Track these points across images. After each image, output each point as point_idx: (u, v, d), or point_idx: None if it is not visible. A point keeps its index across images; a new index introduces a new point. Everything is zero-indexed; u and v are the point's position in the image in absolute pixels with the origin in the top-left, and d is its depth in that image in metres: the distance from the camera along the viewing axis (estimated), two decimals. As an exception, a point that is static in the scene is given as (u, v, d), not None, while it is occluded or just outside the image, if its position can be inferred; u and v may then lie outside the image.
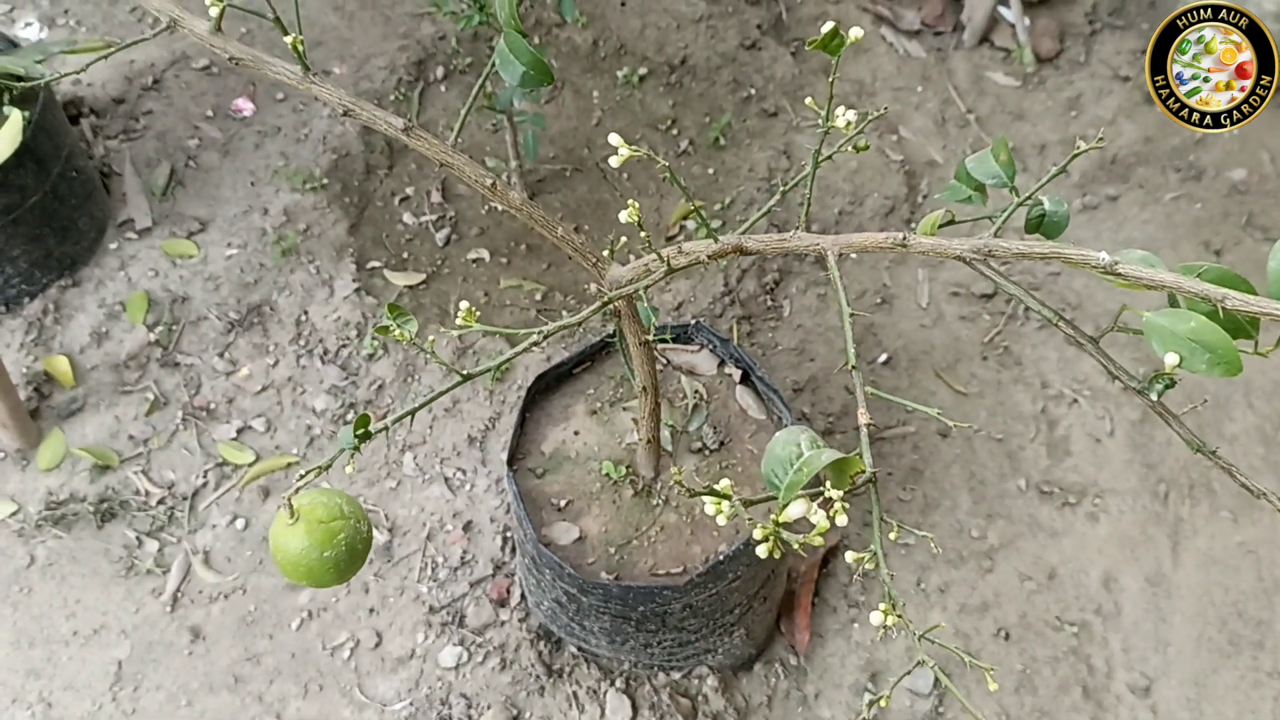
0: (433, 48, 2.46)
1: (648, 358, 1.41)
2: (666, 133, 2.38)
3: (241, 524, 1.90)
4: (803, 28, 2.58)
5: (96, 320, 2.07)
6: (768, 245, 1.13)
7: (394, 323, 0.96)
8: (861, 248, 1.05)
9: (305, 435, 1.98)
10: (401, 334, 0.95)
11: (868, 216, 2.28)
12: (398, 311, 0.97)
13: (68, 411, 1.99)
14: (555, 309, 2.12)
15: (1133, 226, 2.29)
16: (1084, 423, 2.04)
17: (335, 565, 0.95)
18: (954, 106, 2.46)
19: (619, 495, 1.57)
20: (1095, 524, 1.94)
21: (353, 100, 1.21)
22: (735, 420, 1.64)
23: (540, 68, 1.19)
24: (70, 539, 1.87)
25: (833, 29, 0.98)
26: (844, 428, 2.03)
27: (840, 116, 1.03)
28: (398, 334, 0.95)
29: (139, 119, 2.34)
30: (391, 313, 0.97)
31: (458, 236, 2.22)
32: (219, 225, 2.19)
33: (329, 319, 2.07)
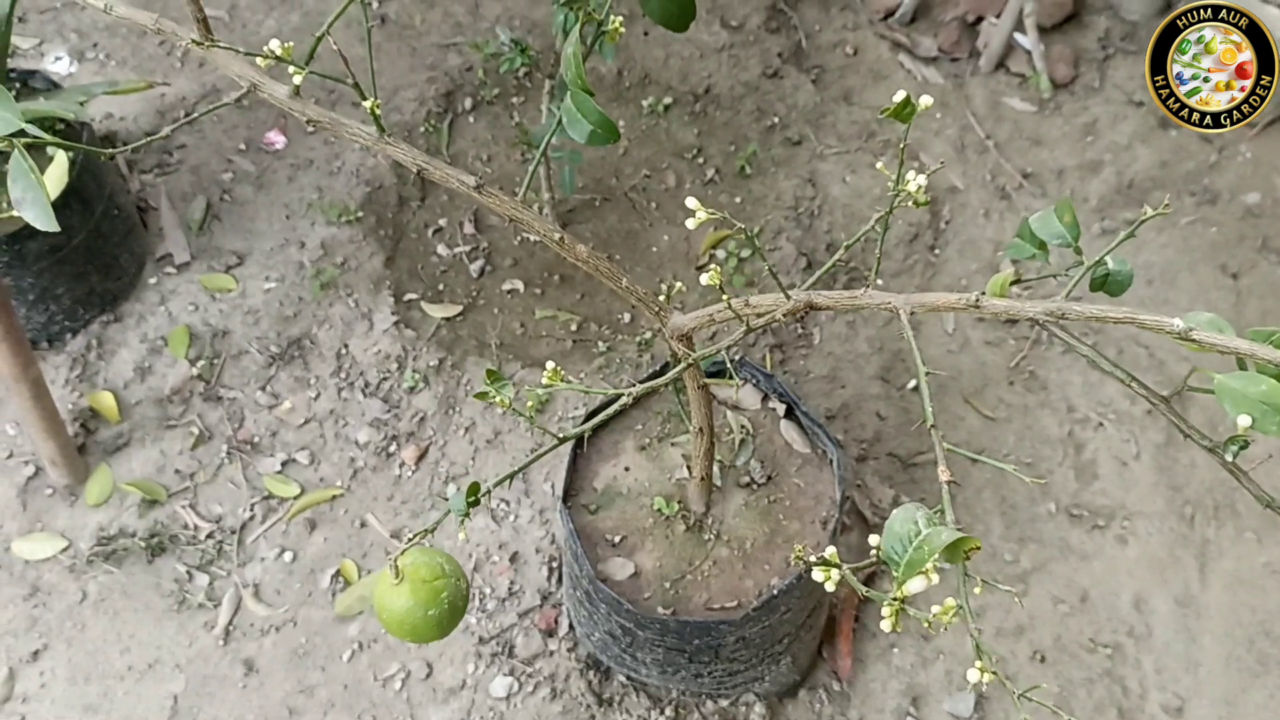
0: (460, 79, 2.49)
1: (705, 400, 1.45)
2: (692, 161, 2.42)
3: (289, 557, 1.93)
4: (822, 55, 2.63)
5: (139, 355, 2.10)
6: (838, 303, 1.17)
7: (492, 389, 1.00)
8: (933, 308, 1.09)
9: (349, 468, 2.02)
10: (501, 400, 0.99)
11: (893, 244, 2.32)
12: (495, 377, 1.01)
13: (114, 447, 2.02)
14: (590, 339, 2.16)
15: (1150, 250, 2.34)
16: (1110, 446, 2.09)
17: (439, 623, 0.99)
18: (973, 133, 2.51)
19: (671, 530, 1.61)
20: (1124, 546, 1.99)
21: (426, 160, 1.25)
22: (781, 455, 1.69)
23: (607, 126, 1.23)
24: (121, 574, 1.91)
25: (905, 98, 1.02)
26: (876, 454, 2.07)
27: (911, 180, 1.07)
28: (498, 400, 0.98)
29: (173, 153, 2.37)
30: (490, 379, 1.00)
31: (491, 268, 2.25)
32: (256, 259, 2.22)
33: (369, 352, 2.10)
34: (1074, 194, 2.42)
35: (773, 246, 2.27)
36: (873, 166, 2.44)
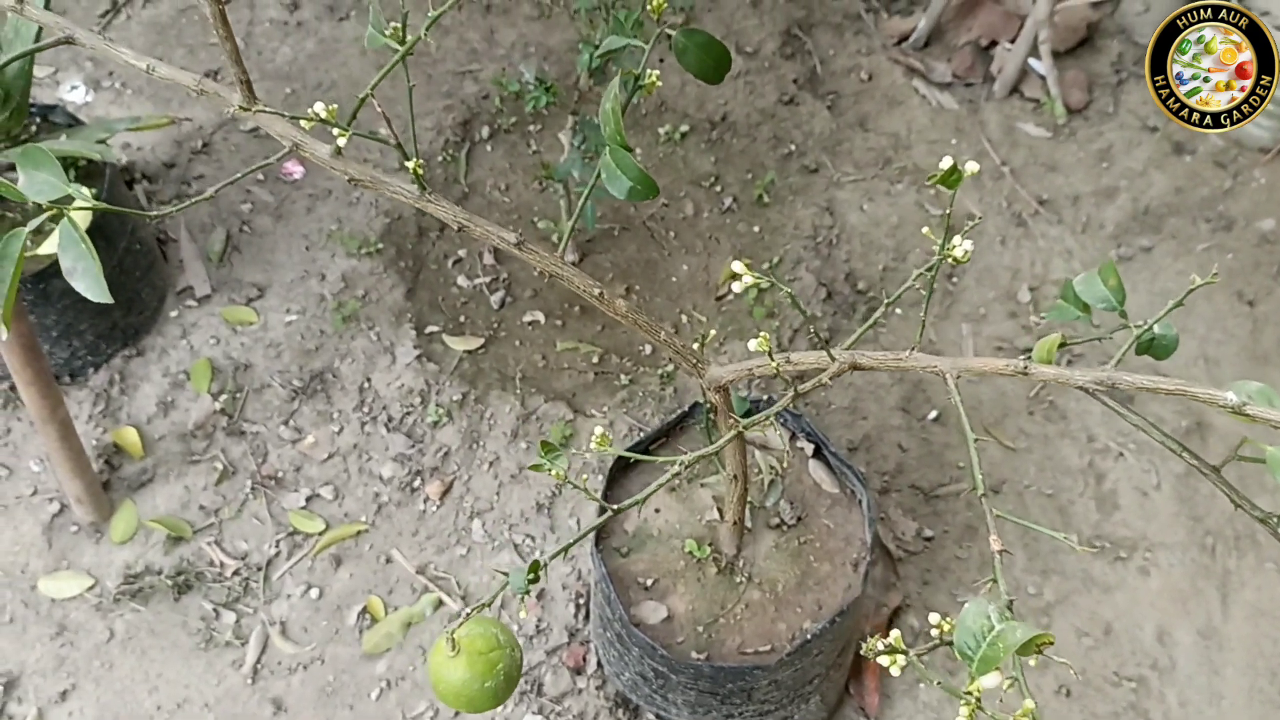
0: (477, 107, 2.50)
1: (739, 448, 1.46)
2: (710, 189, 2.43)
3: (316, 593, 1.93)
4: (837, 80, 2.63)
5: (162, 390, 2.10)
6: (882, 363, 1.18)
7: (547, 460, 1.00)
8: (980, 372, 1.10)
9: (373, 503, 2.02)
10: (557, 473, 0.99)
11: (911, 273, 2.32)
12: (549, 448, 1.01)
13: (138, 483, 2.02)
14: (612, 371, 2.16)
15: (1167, 278, 2.35)
16: (1131, 476, 2.10)
17: (494, 693, 1.00)
18: (988, 159, 2.52)
19: (703, 573, 1.61)
20: (1146, 578, 2.00)
21: (467, 216, 1.25)
22: (810, 495, 1.69)
23: (647, 183, 1.23)
24: (148, 612, 1.91)
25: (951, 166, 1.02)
26: (899, 486, 2.08)
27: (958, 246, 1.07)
28: (554, 474, 0.99)
29: (191, 183, 2.37)
30: (544, 450, 1.01)
31: (512, 299, 2.26)
32: (277, 291, 2.22)
33: (392, 386, 2.11)
34: (1089, 220, 2.43)
35: (792, 276, 2.28)
36: (889, 194, 2.45)
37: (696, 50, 1.36)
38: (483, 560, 1.96)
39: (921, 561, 1.99)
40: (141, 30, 2.60)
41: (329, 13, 2.65)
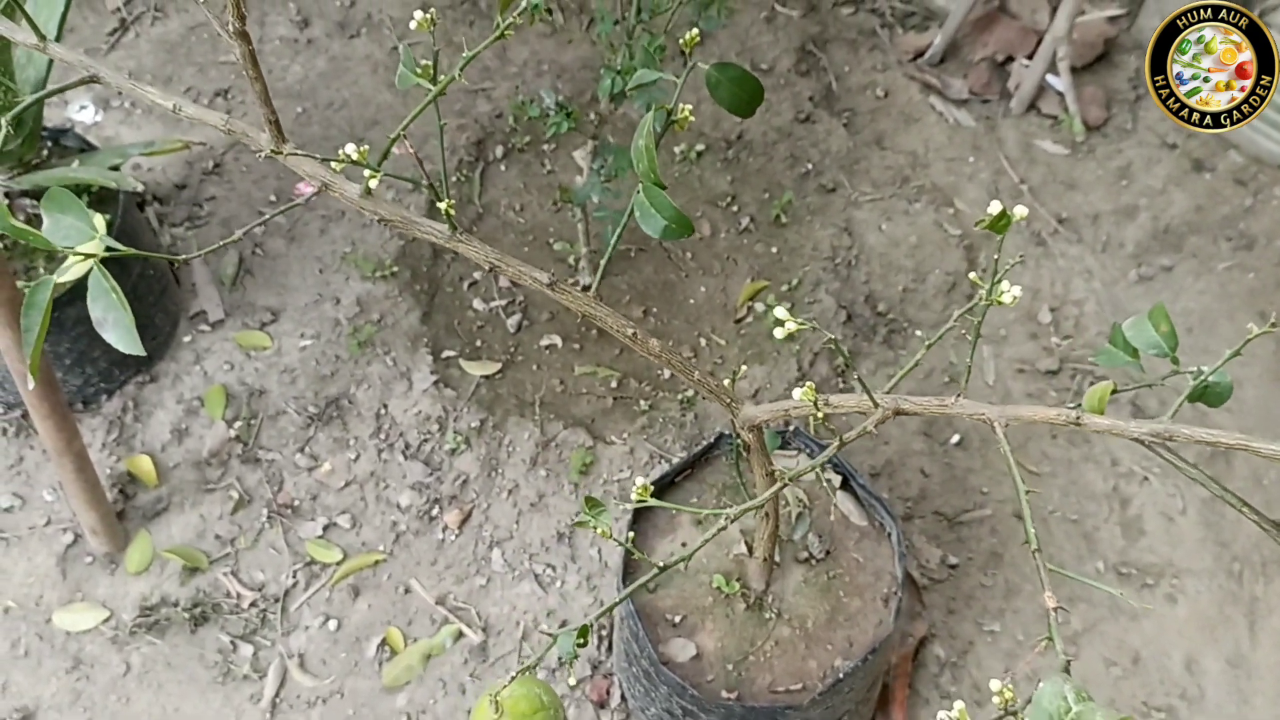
0: (490, 126, 2.47)
1: (771, 485, 1.44)
2: (727, 209, 2.40)
3: (334, 625, 1.91)
4: (853, 97, 2.61)
5: (175, 417, 2.07)
6: (926, 409, 1.15)
7: (591, 517, 0.98)
8: (1030, 421, 1.07)
9: (391, 532, 2.00)
10: (604, 531, 0.97)
11: (931, 294, 2.31)
12: (594, 504, 0.99)
13: (153, 512, 2.00)
14: (631, 396, 2.14)
15: (1189, 297, 2.33)
16: (1156, 501, 2.08)
17: (539, 755, 0.97)
18: (1006, 176, 2.50)
19: (731, 609, 1.59)
20: (1174, 605, 1.98)
21: (498, 257, 1.23)
22: (838, 528, 1.67)
23: (682, 221, 1.21)
24: (165, 645, 1.88)
25: (1001, 211, 1.00)
26: (922, 512, 2.06)
27: (1006, 292, 1.05)
28: (601, 531, 0.97)
29: (202, 205, 2.34)
30: (589, 507, 0.99)
31: (529, 322, 2.23)
32: (290, 315, 2.20)
33: (409, 413, 2.08)
34: (1109, 239, 2.41)
35: (812, 299, 2.26)
36: (908, 213, 2.42)
37: (729, 85, 1.34)
38: (503, 590, 1.94)
39: (946, 589, 1.97)
40: (151, 48, 2.58)
41: (340, 30, 2.62)
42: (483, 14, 2.66)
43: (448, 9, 2.67)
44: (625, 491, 2.00)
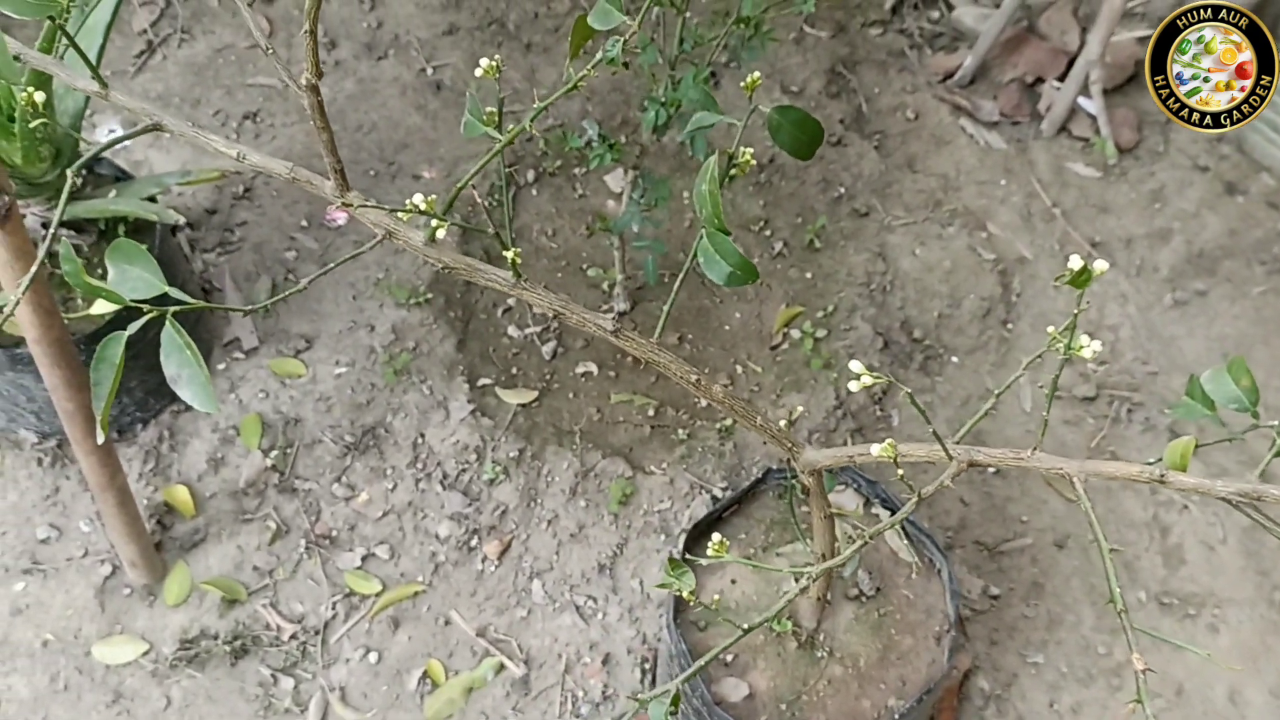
0: (521, 149, 2.46)
1: (829, 528, 1.43)
2: (759, 234, 2.40)
3: (374, 657, 1.90)
4: (883, 120, 2.60)
5: (211, 446, 2.06)
6: (1003, 462, 1.15)
7: (674, 578, 0.97)
8: (1111, 477, 1.07)
9: (430, 562, 1.99)
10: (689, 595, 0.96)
11: (966, 319, 2.30)
12: (677, 566, 0.98)
13: (190, 543, 1.99)
14: (669, 425, 2.13)
15: (1224, 323, 2.33)
16: (1196, 529, 2.07)
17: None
18: (1039, 200, 2.49)
19: (783, 648, 1.58)
20: (1216, 635, 1.97)
21: (563, 304, 1.23)
22: (888, 564, 1.66)
23: (747, 268, 1.20)
24: (205, 678, 1.87)
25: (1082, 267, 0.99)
26: (962, 542, 2.05)
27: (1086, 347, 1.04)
28: (686, 595, 0.96)
29: (234, 230, 2.33)
30: (671, 567, 0.98)
31: (564, 349, 2.22)
32: (325, 342, 2.19)
33: (446, 442, 2.07)
34: (1144, 263, 2.40)
35: (848, 326, 2.25)
36: (941, 237, 2.42)
37: (791, 128, 1.33)
38: (544, 622, 1.93)
39: (989, 620, 1.97)
40: (178, 71, 2.57)
41: (367, 51, 2.61)
42: (511, 35, 2.65)
43: (475, 30, 2.66)
44: (666, 523, 1.99)
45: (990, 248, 2.41)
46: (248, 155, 1.18)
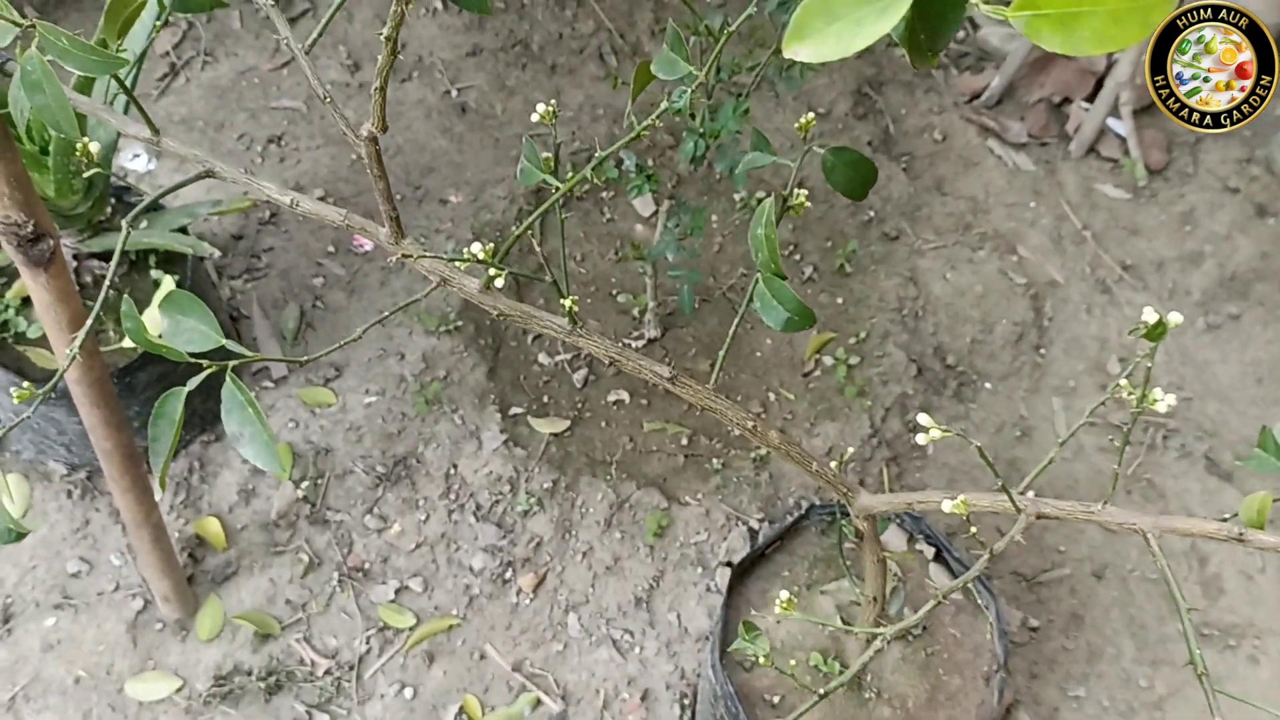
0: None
1: (881, 571, 1.41)
2: (789, 258, 2.38)
3: (410, 693, 1.88)
4: (910, 141, 2.59)
5: (242, 477, 2.05)
6: (1070, 514, 1.13)
7: (750, 643, 0.96)
8: (1185, 533, 1.05)
9: (464, 595, 1.97)
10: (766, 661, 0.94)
11: (999, 345, 2.28)
12: (750, 628, 0.97)
13: (223, 576, 1.97)
14: (703, 454, 2.12)
15: (1257, 346, 2.31)
16: (1235, 559, 2.06)
17: None
18: (1068, 222, 2.48)
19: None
20: (1256, 667, 1.96)
21: (619, 351, 1.21)
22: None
23: (805, 314, 1.19)
24: (239, 715, 1.86)
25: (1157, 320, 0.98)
26: (1000, 573, 2.03)
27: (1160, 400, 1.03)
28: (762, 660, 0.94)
29: (260, 256, 2.32)
30: (745, 631, 0.96)
31: (595, 377, 2.21)
32: (354, 370, 2.17)
33: (479, 473, 2.06)
34: (1175, 286, 2.39)
35: (880, 352, 2.23)
36: (971, 261, 2.40)
37: (845, 169, 1.31)
38: (580, 656, 1.91)
39: (1029, 653, 1.95)
40: (201, 94, 2.55)
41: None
42: (535, 56, 2.64)
43: (499, 51, 2.65)
44: (703, 555, 1.98)
45: (1021, 271, 2.39)
46: (300, 202, 1.16)
